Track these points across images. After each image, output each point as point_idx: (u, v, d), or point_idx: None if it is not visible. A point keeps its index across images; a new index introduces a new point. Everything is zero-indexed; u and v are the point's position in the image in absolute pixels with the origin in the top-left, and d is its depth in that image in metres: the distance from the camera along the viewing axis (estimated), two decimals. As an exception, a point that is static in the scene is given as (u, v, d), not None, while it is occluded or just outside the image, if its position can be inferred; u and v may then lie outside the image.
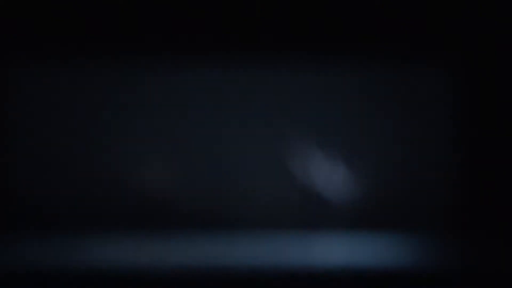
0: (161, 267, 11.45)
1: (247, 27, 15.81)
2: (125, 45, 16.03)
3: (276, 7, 14.98)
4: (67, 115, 16.60)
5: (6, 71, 15.38)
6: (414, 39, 15.55)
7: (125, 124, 16.91)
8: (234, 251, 12.40)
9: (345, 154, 16.29)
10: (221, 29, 15.76)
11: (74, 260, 11.70)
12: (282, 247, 13.01)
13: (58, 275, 10.74)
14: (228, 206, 16.35)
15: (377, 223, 16.05)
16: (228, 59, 16.50)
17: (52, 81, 16.54)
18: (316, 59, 16.71)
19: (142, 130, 17.00)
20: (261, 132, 16.78)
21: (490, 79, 15.56)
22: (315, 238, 13.65)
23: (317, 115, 16.50)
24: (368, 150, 16.44)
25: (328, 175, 13.58)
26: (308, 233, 13.70)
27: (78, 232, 14.88)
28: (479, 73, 15.34)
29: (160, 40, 15.98)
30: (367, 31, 15.40)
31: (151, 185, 13.21)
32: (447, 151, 16.00)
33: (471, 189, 15.60)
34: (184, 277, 10.73)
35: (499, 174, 15.46)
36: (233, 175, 16.36)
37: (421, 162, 16.41)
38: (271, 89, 16.57)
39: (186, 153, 17.23)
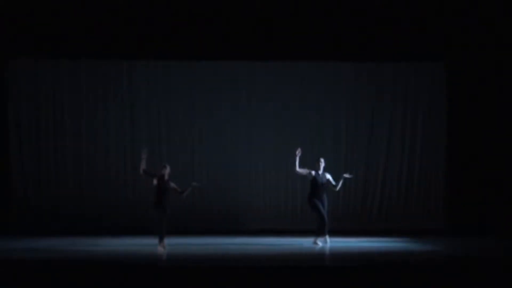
0: (163, 265, 12.03)
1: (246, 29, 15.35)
2: (127, 44, 15.58)
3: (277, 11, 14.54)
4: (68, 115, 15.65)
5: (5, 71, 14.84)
6: (414, 40, 15.19)
7: (126, 125, 16.17)
8: (236, 252, 14.20)
9: (346, 154, 15.85)
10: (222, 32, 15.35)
11: (79, 256, 13.35)
12: (293, 249, 14.79)
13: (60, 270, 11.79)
14: (230, 207, 18.20)
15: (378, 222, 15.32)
16: (230, 66, 15.88)
17: (47, 80, 15.59)
18: (317, 63, 16.03)
19: (143, 132, 16.20)
20: (263, 136, 15.64)
21: (487, 79, 15.47)
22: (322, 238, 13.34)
23: (319, 115, 15.82)
24: (368, 149, 15.99)
25: (331, 177, 13.26)
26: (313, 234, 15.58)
27: (84, 229, 17.49)
28: (477, 77, 15.10)
29: (162, 41, 15.66)
30: (368, 31, 15.14)
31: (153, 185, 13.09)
32: (442, 150, 15.41)
33: (468, 188, 15.22)
34: (187, 274, 11.79)
35: (499, 174, 15.21)
36: (236, 177, 15.49)
37: (417, 163, 15.72)
38: (271, 90, 16.01)
39: (189, 154, 16.20)
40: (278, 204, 18.28)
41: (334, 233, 15.97)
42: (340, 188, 15.43)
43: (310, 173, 15.07)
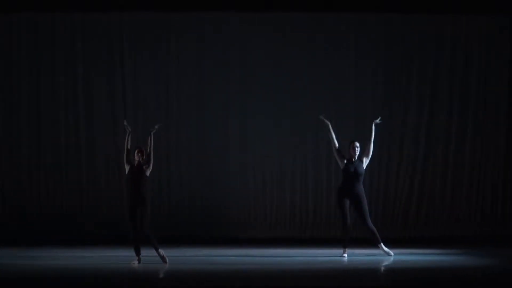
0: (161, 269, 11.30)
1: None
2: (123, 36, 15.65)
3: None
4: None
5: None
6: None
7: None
8: (236, 256, 12.99)
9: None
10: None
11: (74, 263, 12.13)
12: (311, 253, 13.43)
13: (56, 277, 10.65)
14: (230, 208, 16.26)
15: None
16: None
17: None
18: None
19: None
20: (261, 120, 16.02)
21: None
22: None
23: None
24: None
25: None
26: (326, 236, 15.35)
27: (78, 233, 15.84)
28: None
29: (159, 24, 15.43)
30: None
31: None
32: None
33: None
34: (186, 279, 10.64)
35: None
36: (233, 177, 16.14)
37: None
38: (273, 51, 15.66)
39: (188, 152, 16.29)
40: (283, 207, 15.79)
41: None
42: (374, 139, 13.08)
43: (343, 161, 13.07)
